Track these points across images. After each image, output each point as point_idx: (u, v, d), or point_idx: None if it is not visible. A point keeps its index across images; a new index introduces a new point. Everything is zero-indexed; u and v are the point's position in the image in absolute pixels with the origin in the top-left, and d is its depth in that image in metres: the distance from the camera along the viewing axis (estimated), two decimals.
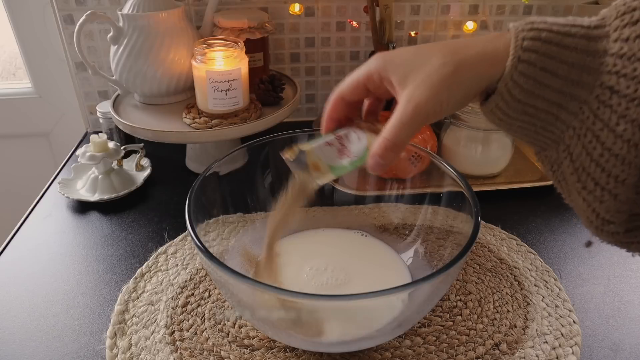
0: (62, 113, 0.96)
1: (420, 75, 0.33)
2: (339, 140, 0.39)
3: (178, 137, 0.66)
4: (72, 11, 0.81)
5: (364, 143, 0.38)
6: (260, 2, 0.84)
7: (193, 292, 0.53)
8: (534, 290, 0.53)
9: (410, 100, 0.33)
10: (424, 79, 0.33)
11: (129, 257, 0.59)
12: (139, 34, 0.68)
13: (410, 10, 0.87)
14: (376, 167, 0.36)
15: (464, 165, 0.72)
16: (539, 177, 0.74)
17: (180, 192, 0.72)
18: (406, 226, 0.57)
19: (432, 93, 0.33)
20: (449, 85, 0.33)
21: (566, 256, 0.59)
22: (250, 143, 0.54)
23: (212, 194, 0.51)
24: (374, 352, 0.46)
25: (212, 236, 0.53)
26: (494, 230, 0.63)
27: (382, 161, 0.35)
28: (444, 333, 0.48)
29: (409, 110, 0.33)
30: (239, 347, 0.46)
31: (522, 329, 0.48)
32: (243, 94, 0.67)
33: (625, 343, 0.48)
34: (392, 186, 0.59)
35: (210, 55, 0.64)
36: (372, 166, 0.36)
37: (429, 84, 0.33)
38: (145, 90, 0.72)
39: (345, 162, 0.39)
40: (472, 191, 0.45)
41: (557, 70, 0.30)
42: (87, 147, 0.69)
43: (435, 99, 0.33)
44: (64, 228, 0.64)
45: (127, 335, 0.48)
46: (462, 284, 0.54)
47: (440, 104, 0.33)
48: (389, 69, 0.35)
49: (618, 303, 0.52)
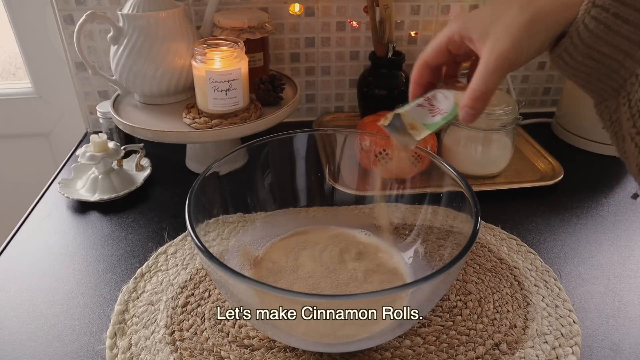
0: (62, 113, 0.96)
1: (499, 27, 0.35)
2: (428, 101, 0.43)
3: (178, 137, 0.66)
4: (72, 11, 0.81)
5: (451, 100, 0.42)
6: (260, 2, 0.84)
7: (193, 292, 0.53)
8: (534, 290, 0.53)
9: (493, 50, 0.35)
10: (503, 29, 0.35)
11: (129, 257, 0.59)
12: (139, 34, 0.68)
13: (410, 10, 0.87)
14: (468, 117, 0.38)
15: (464, 165, 0.72)
16: (539, 177, 0.74)
17: (180, 192, 0.72)
18: (406, 226, 0.57)
19: (512, 41, 0.35)
20: (528, 32, 0.34)
21: (566, 256, 0.59)
22: (250, 143, 0.54)
23: (212, 194, 0.51)
24: (374, 352, 0.46)
25: (212, 236, 0.53)
26: (494, 230, 0.63)
27: (473, 111, 0.38)
28: (444, 333, 0.48)
29: (493, 60, 0.35)
30: (239, 347, 0.46)
31: (522, 329, 0.48)
32: (243, 94, 0.67)
33: (625, 343, 0.48)
34: (392, 186, 0.59)
35: (210, 55, 0.64)
36: (464, 117, 0.38)
37: (508, 34, 0.35)
38: (145, 90, 0.72)
39: (437, 118, 0.42)
40: (472, 191, 0.45)
41: (629, 17, 0.31)
42: (87, 147, 0.69)
43: (516, 47, 0.35)
44: (64, 228, 0.64)
45: (127, 335, 0.48)
46: (462, 284, 0.54)
47: (521, 51, 0.35)
48: (469, 27, 0.37)
49: (618, 303, 0.52)
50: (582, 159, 0.82)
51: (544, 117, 0.94)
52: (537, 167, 0.77)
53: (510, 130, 0.71)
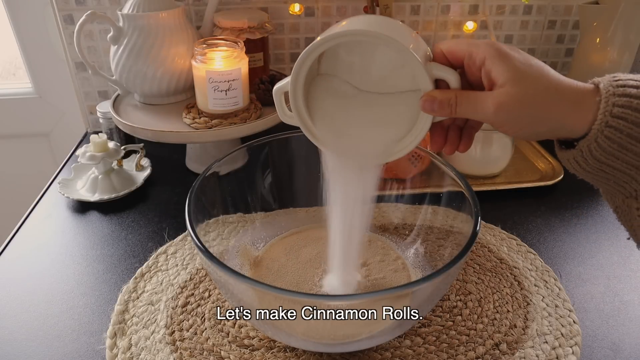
0: (62, 113, 0.96)
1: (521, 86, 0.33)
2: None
3: (178, 137, 0.66)
4: (72, 11, 0.81)
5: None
6: (260, 2, 0.84)
7: (193, 292, 0.53)
8: (534, 290, 0.53)
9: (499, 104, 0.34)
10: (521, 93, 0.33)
11: (129, 257, 0.59)
12: (139, 34, 0.68)
13: (410, 10, 0.87)
14: (426, 104, 0.37)
15: (464, 165, 0.72)
16: (539, 177, 0.74)
17: (180, 192, 0.72)
18: (406, 226, 0.58)
19: (519, 112, 0.34)
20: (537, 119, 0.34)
21: (566, 256, 0.59)
22: (250, 143, 0.54)
23: (212, 194, 0.51)
24: (374, 352, 0.46)
25: (212, 236, 0.53)
26: (494, 230, 0.63)
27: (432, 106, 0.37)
28: (444, 333, 0.48)
29: (491, 107, 0.34)
30: (239, 347, 0.46)
31: (522, 329, 0.48)
32: (243, 94, 0.67)
33: (625, 343, 0.48)
34: (392, 186, 0.59)
35: (210, 55, 0.64)
36: (422, 102, 0.37)
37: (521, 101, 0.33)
38: (145, 90, 0.72)
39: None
40: (472, 191, 0.45)
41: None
42: (87, 147, 0.69)
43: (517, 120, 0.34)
44: (64, 228, 0.64)
45: (127, 335, 0.48)
46: (462, 284, 0.54)
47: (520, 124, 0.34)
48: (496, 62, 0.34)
49: (618, 303, 0.52)
50: None
51: None
52: (537, 167, 0.77)
53: None
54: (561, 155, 0.36)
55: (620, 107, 0.31)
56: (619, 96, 0.31)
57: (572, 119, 0.33)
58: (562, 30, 0.94)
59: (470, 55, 0.35)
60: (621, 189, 0.34)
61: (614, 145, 0.32)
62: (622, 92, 0.31)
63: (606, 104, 0.32)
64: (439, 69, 0.37)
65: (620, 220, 0.36)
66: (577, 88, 0.33)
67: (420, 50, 0.37)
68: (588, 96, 0.33)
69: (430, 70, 0.37)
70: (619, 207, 0.36)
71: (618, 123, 0.31)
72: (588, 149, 0.33)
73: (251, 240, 0.56)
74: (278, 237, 0.58)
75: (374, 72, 0.41)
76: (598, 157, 0.33)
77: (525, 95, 0.33)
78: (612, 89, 0.32)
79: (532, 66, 0.34)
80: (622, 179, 0.33)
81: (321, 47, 0.37)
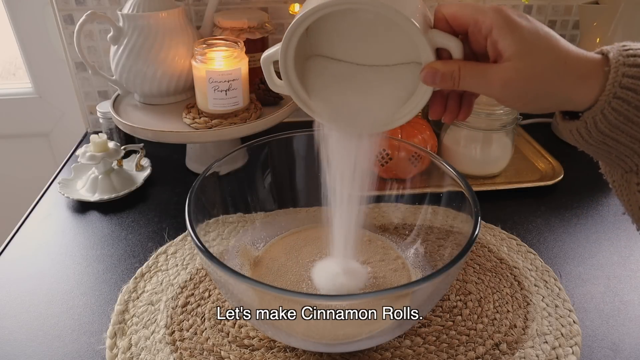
0: (62, 113, 0.96)
1: (529, 61, 0.32)
2: None
3: (178, 137, 0.66)
4: (72, 11, 0.81)
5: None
6: (260, 2, 0.84)
7: (193, 292, 0.53)
8: (534, 290, 0.53)
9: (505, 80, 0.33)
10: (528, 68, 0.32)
11: (129, 257, 0.59)
12: (139, 34, 0.68)
13: None
14: (427, 78, 0.35)
15: (464, 165, 0.72)
16: (539, 177, 0.74)
17: (180, 192, 0.72)
18: (406, 226, 0.58)
19: (525, 87, 0.32)
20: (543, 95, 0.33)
21: (566, 256, 0.59)
22: (250, 143, 0.54)
23: (212, 194, 0.51)
24: (374, 352, 0.46)
25: (212, 236, 0.53)
26: (494, 230, 0.63)
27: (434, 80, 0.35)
28: (444, 333, 0.48)
29: (497, 82, 0.33)
30: (239, 347, 0.46)
31: (522, 329, 0.48)
32: (243, 94, 0.67)
33: (625, 343, 0.48)
34: (392, 186, 0.59)
35: (210, 55, 0.64)
36: (423, 76, 0.35)
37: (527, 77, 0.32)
38: (145, 90, 0.72)
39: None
40: (472, 191, 0.45)
41: None
42: (87, 147, 0.69)
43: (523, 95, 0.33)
44: (64, 228, 0.64)
45: (127, 335, 0.48)
46: (462, 284, 0.54)
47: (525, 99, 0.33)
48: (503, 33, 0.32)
49: (618, 303, 0.52)
50: (582, 159, 0.82)
51: (544, 117, 0.94)
52: (537, 167, 0.77)
53: (510, 130, 0.71)
54: (563, 126, 0.35)
55: (630, 77, 0.30)
56: (629, 66, 0.30)
57: (578, 92, 0.32)
58: (562, 30, 0.94)
59: (476, 23, 0.33)
60: (622, 162, 0.33)
61: (620, 117, 0.31)
62: (632, 62, 0.30)
63: (615, 74, 0.30)
64: (441, 36, 0.34)
65: (618, 194, 0.36)
66: (586, 58, 0.32)
67: (418, 15, 0.34)
68: (596, 67, 0.32)
69: (431, 38, 0.34)
70: (616, 181, 0.35)
71: (627, 94, 0.30)
72: (593, 120, 0.32)
73: (251, 240, 0.56)
74: (278, 237, 0.58)
75: (371, 43, 0.39)
76: (602, 129, 0.32)
77: (533, 71, 0.32)
78: (622, 58, 0.31)
79: (541, 37, 0.32)
80: (624, 152, 0.32)
81: (313, 16, 0.34)
